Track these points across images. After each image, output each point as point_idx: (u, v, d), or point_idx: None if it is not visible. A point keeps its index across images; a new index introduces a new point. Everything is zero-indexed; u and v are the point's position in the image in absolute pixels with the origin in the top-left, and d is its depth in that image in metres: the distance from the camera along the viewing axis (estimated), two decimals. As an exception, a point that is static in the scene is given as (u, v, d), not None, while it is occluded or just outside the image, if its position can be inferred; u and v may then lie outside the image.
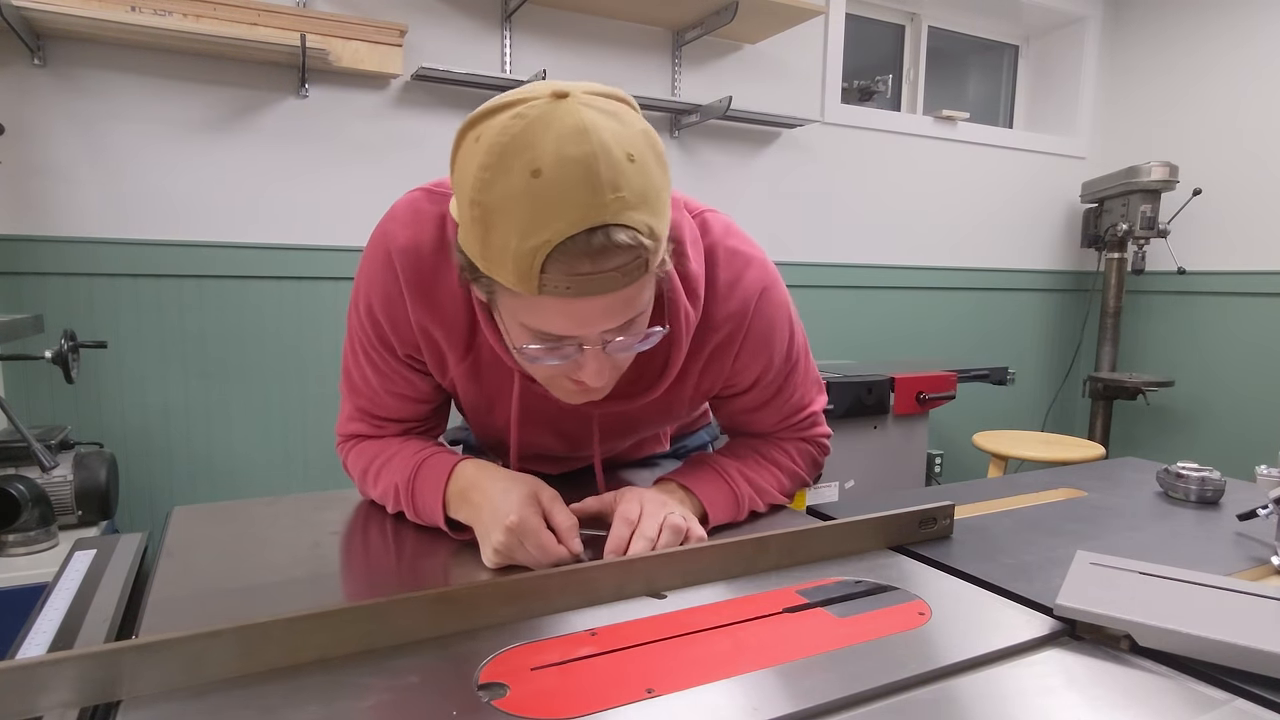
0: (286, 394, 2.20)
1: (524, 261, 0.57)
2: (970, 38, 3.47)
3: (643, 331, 0.67)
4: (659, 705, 0.51)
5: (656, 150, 0.60)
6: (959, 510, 0.99)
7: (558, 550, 0.70)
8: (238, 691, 0.52)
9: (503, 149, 0.56)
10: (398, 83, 2.24)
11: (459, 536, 0.78)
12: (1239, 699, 0.54)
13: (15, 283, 1.90)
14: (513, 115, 0.57)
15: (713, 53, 2.69)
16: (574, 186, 0.55)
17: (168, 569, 0.73)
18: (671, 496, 0.81)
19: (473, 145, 0.58)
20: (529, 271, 0.58)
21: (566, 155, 0.55)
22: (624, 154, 0.57)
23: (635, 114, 0.61)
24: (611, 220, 0.57)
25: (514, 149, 0.56)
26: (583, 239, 0.56)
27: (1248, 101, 3.05)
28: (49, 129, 1.91)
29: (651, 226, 0.59)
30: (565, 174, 0.55)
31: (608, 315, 0.62)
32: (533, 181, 0.55)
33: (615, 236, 0.57)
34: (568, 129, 0.56)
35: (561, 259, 0.57)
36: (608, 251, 0.57)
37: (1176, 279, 3.25)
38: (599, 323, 0.63)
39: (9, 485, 1.44)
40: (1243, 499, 1.03)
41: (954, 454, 3.29)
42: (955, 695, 0.54)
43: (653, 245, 0.60)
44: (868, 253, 3.08)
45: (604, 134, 0.56)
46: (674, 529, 0.73)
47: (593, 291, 0.59)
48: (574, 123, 0.56)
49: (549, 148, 0.55)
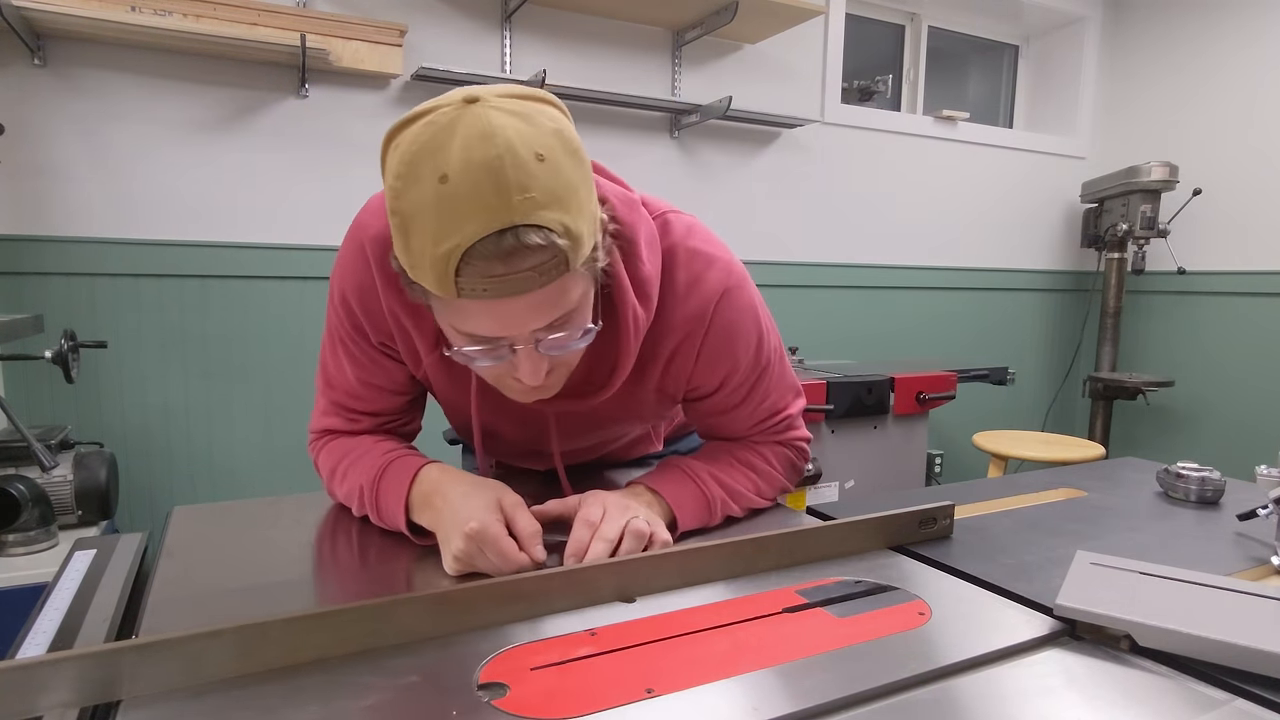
0: (287, 394, 2.20)
1: (439, 266, 0.58)
2: (970, 38, 3.47)
3: (579, 330, 0.67)
4: (659, 705, 0.51)
5: (570, 147, 0.60)
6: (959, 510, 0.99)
7: (518, 558, 0.68)
8: (237, 691, 0.52)
9: (413, 157, 0.57)
10: (398, 83, 2.24)
11: (420, 542, 0.77)
12: (1239, 699, 0.54)
13: (15, 283, 1.90)
14: (424, 124, 0.58)
15: (713, 53, 2.69)
16: (480, 190, 0.56)
17: (168, 569, 0.73)
18: (638, 500, 0.79)
19: (392, 155, 0.59)
20: (445, 276, 0.58)
21: (472, 160, 0.56)
22: (532, 154, 0.57)
23: (553, 111, 0.61)
24: (521, 221, 0.57)
25: (423, 156, 0.57)
26: (492, 241, 0.57)
27: (1248, 101, 3.06)
28: (49, 129, 1.91)
29: (566, 225, 0.59)
30: (471, 178, 0.56)
31: (532, 314, 0.62)
32: (441, 187, 0.56)
33: (525, 237, 0.57)
34: (474, 133, 0.56)
35: (475, 262, 0.57)
36: (519, 252, 0.58)
37: (1176, 279, 3.25)
38: (524, 322, 0.63)
39: (9, 485, 1.44)
40: (1243, 499, 1.03)
41: (954, 454, 3.29)
42: (955, 695, 0.54)
43: (568, 244, 0.59)
44: (868, 253, 3.08)
45: (510, 135, 0.56)
46: (636, 534, 0.72)
47: (510, 292, 0.60)
48: (480, 127, 0.56)
49: (455, 153, 0.56)
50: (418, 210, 0.57)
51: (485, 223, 0.56)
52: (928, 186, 3.18)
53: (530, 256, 0.58)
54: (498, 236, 0.56)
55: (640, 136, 2.59)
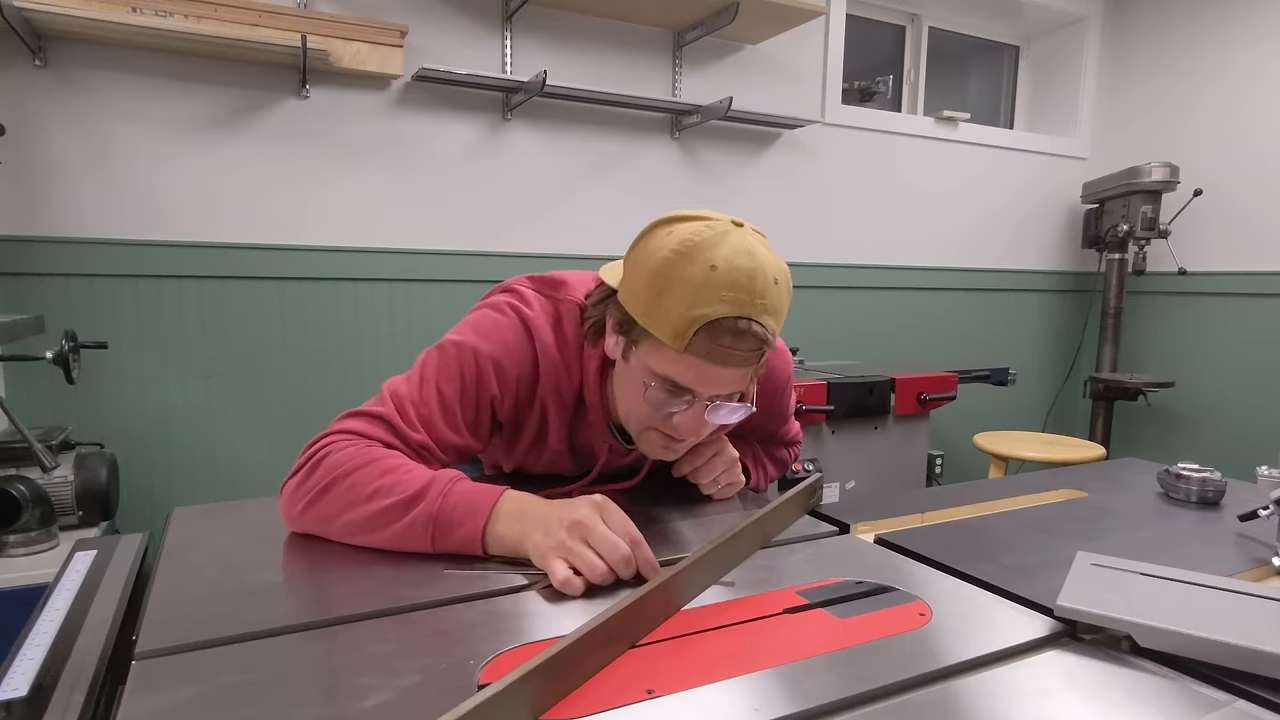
0: (287, 394, 2.20)
1: (683, 324, 0.76)
2: (970, 38, 3.47)
3: (740, 407, 0.85)
4: (659, 705, 0.51)
5: (788, 282, 0.81)
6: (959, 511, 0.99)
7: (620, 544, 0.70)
8: (238, 691, 0.52)
9: (693, 245, 0.76)
10: (398, 83, 2.24)
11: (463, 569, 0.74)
12: (1240, 700, 0.53)
13: (16, 283, 1.91)
14: (704, 225, 0.78)
15: (713, 53, 2.69)
16: (738, 285, 0.75)
17: (168, 569, 0.73)
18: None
19: (665, 236, 0.78)
20: (684, 332, 0.76)
21: (736, 264, 0.75)
22: (773, 276, 0.78)
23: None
24: (755, 316, 0.76)
25: (701, 247, 0.76)
26: (731, 321, 0.76)
27: (1249, 102, 3.05)
28: (50, 129, 1.91)
29: (775, 332, 0.80)
30: (734, 275, 0.75)
31: (723, 383, 0.81)
32: (709, 273, 0.75)
33: (753, 327, 0.77)
34: (740, 247, 0.76)
35: (713, 331, 0.76)
36: (745, 336, 0.77)
37: (1177, 279, 3.25)
38: (716, 386, 0.81)
39: (10, 485, 1.44)
40: (1243, 500, 1.03)
41: (955, 455, 3.29)
42: (956, 696, 0.54)
43: (771, 345, 0.80)
44: (868, 253, 3.08)
45: (763, 258, 0.77)
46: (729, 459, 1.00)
47: (723, 361, 0.78)
48: (745, 244, 0.77)
49: (725, 254, 0.76)
50: (683, 281, 0.76)
51: (733, 309, 0.75)
52: (928, 187, 3.18)
53: (749, 341, 0.77)
54: (736, 319, 0.76)
55: (641, 137, 2.59)
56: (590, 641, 0.54)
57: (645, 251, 0.79)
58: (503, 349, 0.90)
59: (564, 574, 0.69)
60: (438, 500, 0.77)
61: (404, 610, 0.65)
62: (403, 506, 0.77)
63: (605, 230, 2.57)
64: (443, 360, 0.89)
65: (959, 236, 3.28)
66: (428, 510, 0.76)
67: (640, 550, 0.71)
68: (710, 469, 1.00)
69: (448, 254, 2.34)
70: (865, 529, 0.91)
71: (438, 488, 0.78)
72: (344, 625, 0.62)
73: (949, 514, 0.98)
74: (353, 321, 2.25)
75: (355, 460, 0.80)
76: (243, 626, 0.61)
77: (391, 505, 0.77)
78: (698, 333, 0.76)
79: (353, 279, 2.23)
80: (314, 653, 0.57)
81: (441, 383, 0.88)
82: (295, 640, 0.60)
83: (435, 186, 2.32)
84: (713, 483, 1.00)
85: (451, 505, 0.77)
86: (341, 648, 0.58)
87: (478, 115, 2.35)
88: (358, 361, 2.27)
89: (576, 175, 2.51)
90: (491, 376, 0.89)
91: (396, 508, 0.77)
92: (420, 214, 2.30)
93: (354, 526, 0.79)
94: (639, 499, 0.99)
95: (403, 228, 2.28)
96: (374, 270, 2.25)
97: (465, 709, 0.44)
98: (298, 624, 0.62)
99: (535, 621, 0.63)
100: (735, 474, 1.02)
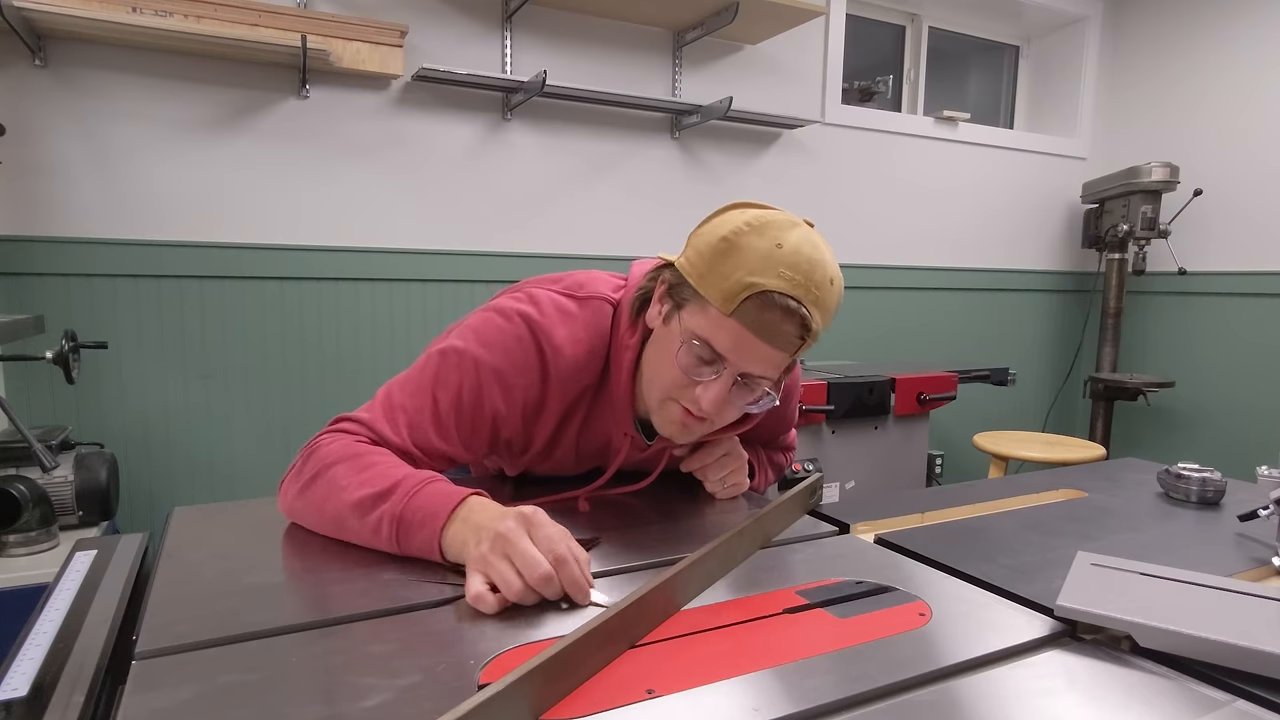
0: (287, 394, 2.20)
1: (738, 288, 0.77)
2: (970, 38, 3.47)
3: (766, 394, 0.84)
4: (659, 705, 0.51)
5: (840, 293, 0.83)
6: (959, 511, 0.99)
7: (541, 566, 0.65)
8: (238, 691, 0.52)
9: (764, 222, 0.79)
10: (398, 83, 2.24)
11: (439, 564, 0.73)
12: (1240, 700, 0.53)
13: (15, 283, 1.91)
14: (775, 213, 0.81)
15: (713, 53, 2.69)
16: (799, 268, 0.77)
17: (168, 569, 0.73)
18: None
19: (737, 214, 0.81)
20: (735, 296, 0.77)
21: (801, 250, 0.78)
22: (830, 277, 0.80)
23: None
24: (806, 302, 0.78)
25: (772, 226, 0.79)
26: (783, 298, 0.77)
27: (1249, 102, 3.05)
28: (49, 129, 1.91)
29: (819, 328, 0.81)
30: (797, 257, 0.77)
31: (757, 360, 0.80)
32: (774, 249, 0.77)
33: (801, 312, 0.78)
34: (808, 239, 0.79)
35: (764, 301, 0.77)
36: (792, 318, 0.78)
37: (1177, 279, 3.25)
38: (750, 361, 0.80)
39: (10, 485, 1.44)
40: (1243, 500, 1.03)
41: (955, 455, 3.29)
42: (956, 696, 0.53)
43: (812, 339, 0.81)
44: (868, 253, 3.07)
45: (826, 256, 0.80)
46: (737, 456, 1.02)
47: (763, 336, 0.78)
48: (814, 239, 0.80)
49: (794, 239, 0.78)
50: (748, 250, 0.77)
51: (788, 287, 0.77)
52: (928, 187, 3.18)
53: (795, 325, 0.78)
54: (787, 298, 0.77)
55: (641, 137, 2.59)
56: (590, 641, 0.54)
57: (716, 224, 0.81)
58: (505, 358, 0.87)
59: (476, 589, 0.64)
60: (403, 500, 0.74)
61: (404, 610, 0.65)
62: (371, 503, 0.75)
63: (605, 230, 2.57)
64: (442, 367, 0.87)
65: (959, 236, 3.28)
66: (392, 510, 0.74)
67: (565, 570, 0.65)
68: (719, 467, 1.00)
69: (447, 254, 2.34)
70: (865, 529, 0.91)
71: (406, 487, 0.75)
72: (344, 625, 0.62)
73: (949, 514, 0.98)
74: (352, 321, 2.25)
75: (341, 454, 0.80)
76: (243, 626, 0.61)
77: (361, 500, 0.76)
78: (749, 299, 0.77)
79: (352, 279, 2.23)
80: (314, 653, 0.57)
81: (437, 390, 0.86)
82: (295, 640, 0.60)
83: (435, 186, 2.32)
84: (719, 481, 1.00)
85: (416, 507, 0.73)
86: (341, 648, 0.58)
87: (478, 115, 2.35)
88: (357, 361, 2.27)
89: (576, 175, 2.51)
90: (494, 389, 0.86)
91: (366, 503, 0.75)
92: (420, 214, 2.30)
93: (333, 520, 0.79)
94: (640, 497, 0.99)
95: (402, 228, 2.28)
96: (374, 270, 2.25)
97: (465, 709, 0.44)
98: (298, 624, 0.62)
99: (535, 621, 0.63)
100: (742, 475, 1.02)
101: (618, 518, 0.91)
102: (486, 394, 0.87)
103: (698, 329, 0.80)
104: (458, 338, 0.89)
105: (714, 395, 0.82)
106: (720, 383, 0.81)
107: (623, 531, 0.86)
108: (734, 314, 0.77)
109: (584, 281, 0.94)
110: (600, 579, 0.72)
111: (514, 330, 0.87)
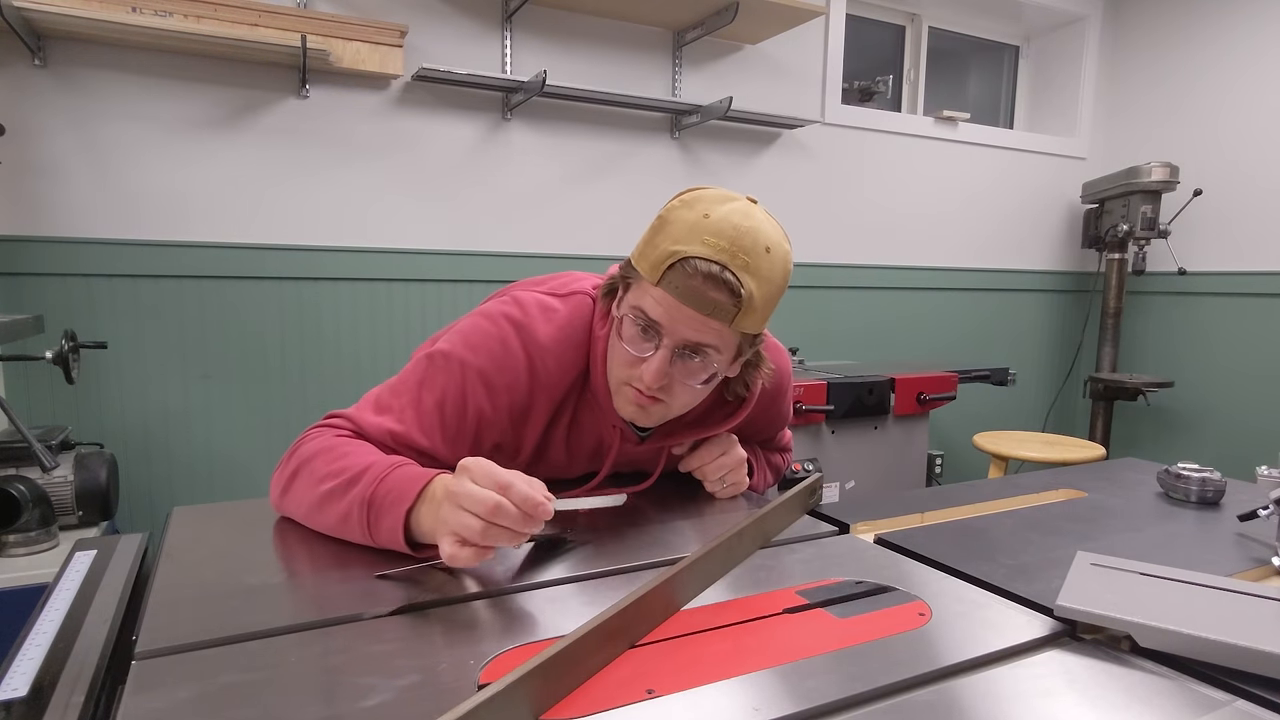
0: (287, 394, 2.20)
1: (662, 258, 0.79)
2: (970, 38, 3.47)
3: (708, 372, 0.85)
4: (659, 705, 0.51)
5: (785, 264, 0.83)
6: (959, 511, 0.99)
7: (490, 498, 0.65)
8: (238, 691, 0.52)
9: (695, 198, 0.82)
10: (398, 83, 2.24)
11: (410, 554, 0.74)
12: (1239, 700, 0.54)
13: (15, 283, 1.91)
14: (717, 191, 0.83)
15: (713, 53, 2.69)
16: (723, 235, 0.78)
17: (168, 569, 0.73)
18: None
19: (682, 195, 0.83)
20: (660, 265, 0.80)
21: (731, 219, 0.79)
22: (765, 245, 0.80)
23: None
24: (733, 268, 0.78)
25: (704, 200, 0.81)
26: (705, 264, 0.78)
27: (1248, 102, 3.05)
28: (49, 129, 1.91)
29: (755, 297, 0.79)
30: (722, 226, 0.78)
31: (690, 326, 0.81)
32: (701, 219, 0.79)
33: (726, 276, 0.78)
34: (741, 211, 0.80)
35: (686, 268, 0.78)
36: (716, 283, 0.78)
37: (1177, 279, 3.25)
38: (682, 328, 0.81)
39: (10, 485, 1.44)
40: (1243, 499, 1.03)
41: (954, 455, 3.29)
42: (956, 696, 0.54)
43: (743, 307, 0.79)
44: (869, 253, 3.07)
45: (763, 227, 0.80)
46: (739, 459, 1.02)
47: (689, 302, 0.79)
48: (749, 211, 0.81)
49: (723, 210, 0.80)
50: (676, 223, 0.80)
51: (710, 253, 0.78)
52: (928, 187, 3.18)
53: (721, 290, 0.78)
54: (711, 264, 0.77)
55: (641, 137, 2.59)
56: (590, 641, 0.54)
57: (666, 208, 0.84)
58: (490, 360, 0.88)
59: (449, 549, 0.66)
60: (373, 485, 0.74)
61: (404, 610, 0.65)
62: (343, 489, 0.76)
63: (605, 230, 2.57)
64: (429, 370, 0.88)
65: (958, 236, 3.28)
66: (361, 494, 0.74)
67: (513, 492, 0.65)
68: (718, 467, 1.00)
69: (447, 253, 2.34)
70: (865, 529, 0.91)
71: (375, 471, 0.75)
72: (343, 625, 0.62)
73: (949, 514, 0.98)
74: (351, 321, 2.25)
75: (320, 447, 0.82)
76: (242, 626, 0.61)
77: (334, 489, 0.77)
78: (672, 266, 0.79)
79: (352, 278, 2.23)
80: (313, 652, 0.57)
81: (423, 391, 0.87)
82: (295, 640, 0.60)
83: (435, 186, 2.32)
84: (719, 481, 1.01)
85: (385, 490, 0.73)
86: (341, 648, 0.58)
87: (477, 115, 2.35)
88: (357, 361, 2.27)
89: (576, 175, 2.51)
90: (480, 390, 0.87)
91: (338, 490, 0.76)
92: (420, 213, 2.30)
93: (312, 510, 0.80)
94: (640, 497, 0.99)
95: (402, 227, 2.28)
96: (374, 270, 2.25)
97: (465, 709, 0.44)
98: (297, 624, 0.62)
99: (535, 621, 0.63)
100: (741, 474, 1.02)
101: (618, 518, 0.91)
102: (471, 395, 0.87)
103: (633, 301, 0.84)
104: (445, 342, 0.90)
105: (655, 367, 0.83)
106: (660, 355, 0.83)
107: (622, 531, 0.86)
108: (660, 282, 0.80)
109: (567, 281, 0.97)
110: (601, 579, 0.72)
111: (498, 333, 0.89)
